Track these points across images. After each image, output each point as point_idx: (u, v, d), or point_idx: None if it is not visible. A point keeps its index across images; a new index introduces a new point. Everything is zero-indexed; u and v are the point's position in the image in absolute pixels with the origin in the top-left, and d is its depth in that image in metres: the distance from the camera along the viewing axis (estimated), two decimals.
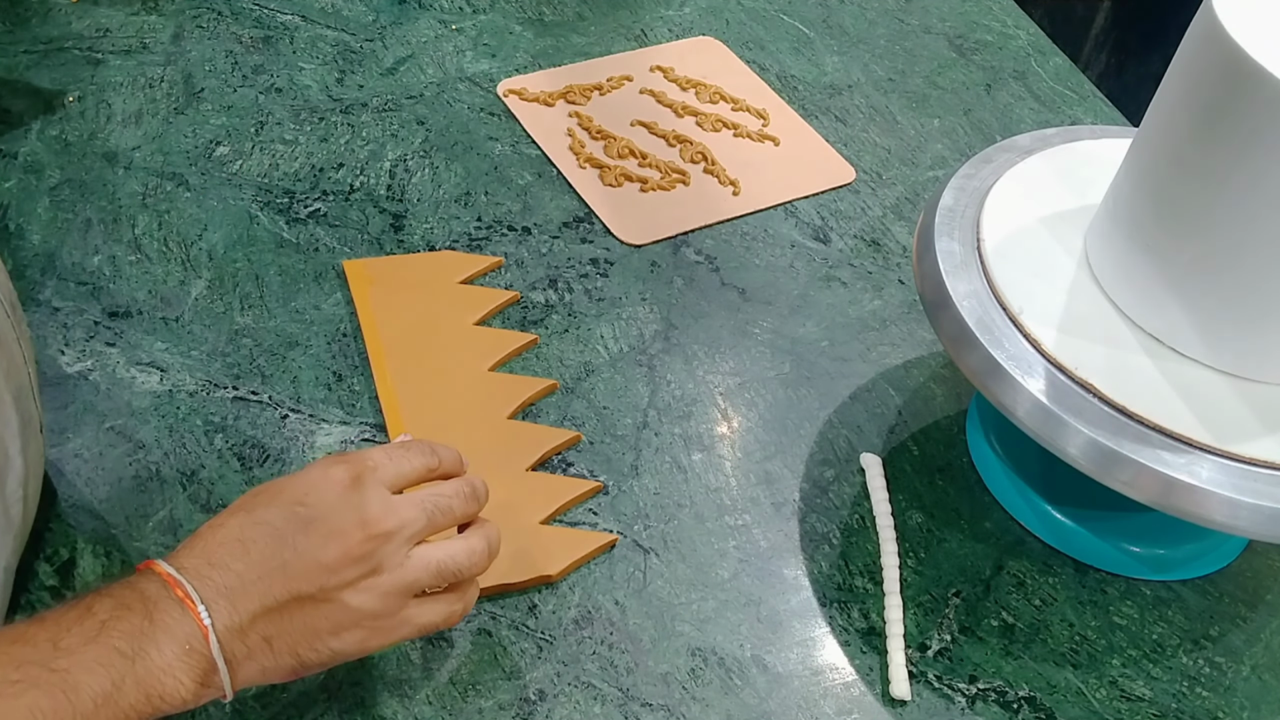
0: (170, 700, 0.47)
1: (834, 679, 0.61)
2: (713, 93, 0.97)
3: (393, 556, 0.51)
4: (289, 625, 0.50)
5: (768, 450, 0.72)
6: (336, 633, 0.51)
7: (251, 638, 0.49)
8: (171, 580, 0.48)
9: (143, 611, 0.47)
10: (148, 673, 0.47)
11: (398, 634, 0.53)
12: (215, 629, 0.48)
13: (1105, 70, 1.64)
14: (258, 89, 0.93)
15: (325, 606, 0.50)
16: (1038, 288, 0.62)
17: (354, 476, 0.52)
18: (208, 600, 0.48)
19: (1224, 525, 0.54)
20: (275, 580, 0.49)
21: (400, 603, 0.52)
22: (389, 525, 0.51)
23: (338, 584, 0.50)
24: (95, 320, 0.74)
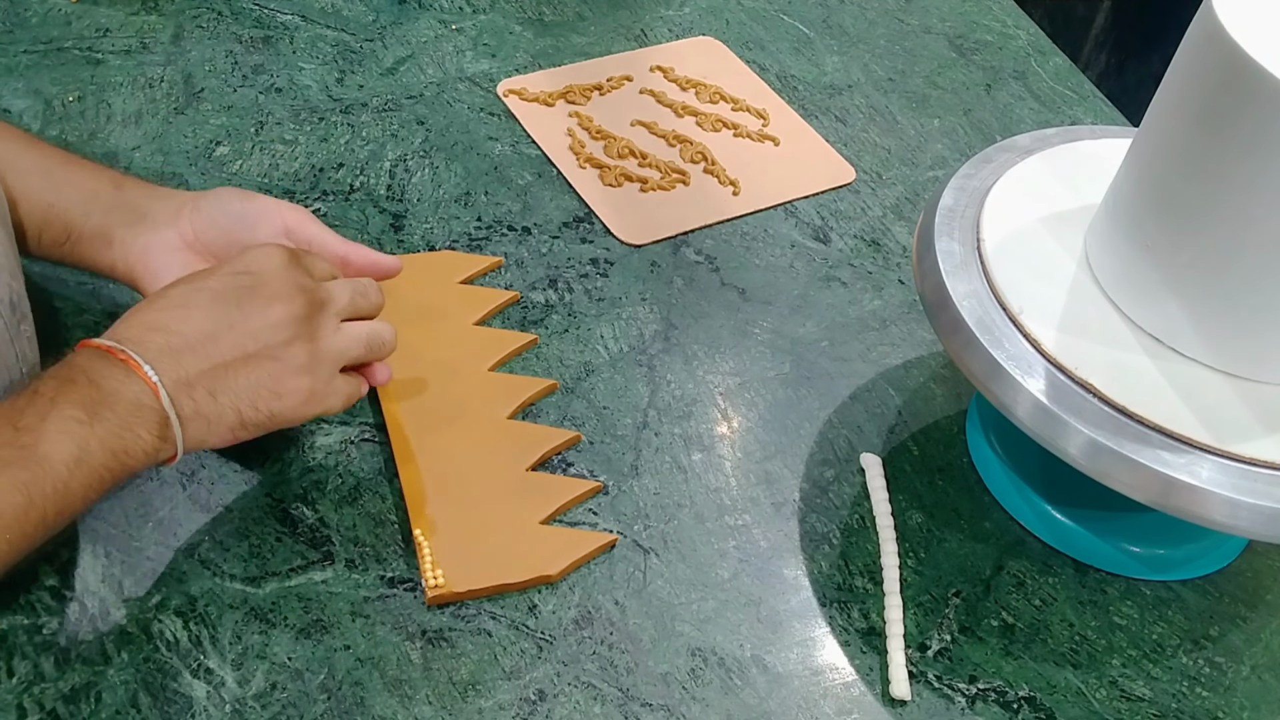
0: (134, 454, 0.52)
1: (834, 679, 0.61)
2: (713, 93, 0.97)
3: (326, 325, 0.58)
4: (234, 382, 0.55)
5: (768, 450, 0.72)
6: (277, 391, 0.56)
7: (198, 391, 0.54)
8: (111, 350, 0.53)
9: (87, 382, 0.52)
10: (108, 432, 0.51)
11: (327, 402, 0.59)
12: (164, 384, 0.53)
13: (1105, 70, 1.64)
14: (258, 89, 0.93)
15: (270, 364, 0.56)
16: (1038, 288, 0.62)
17: (290, 253, 0.59)
18: (151, 360, 0.53)
19: (1224, 525, 0.54)
20: (222, 337, 0.55)
21: (332, 370, 0.59)
22: (322, 295, 0.59)
23: (280, 341, 0.56)
24: (95, 320, 0.74)
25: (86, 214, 0.65)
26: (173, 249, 0.66)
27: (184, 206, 0.67)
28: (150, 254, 0.65)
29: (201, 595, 0.61)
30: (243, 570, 0.62)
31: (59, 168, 0.66)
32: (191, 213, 0.67)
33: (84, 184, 0.66)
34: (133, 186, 0.68)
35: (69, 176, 0.66)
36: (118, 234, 0.66)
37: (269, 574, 0.62)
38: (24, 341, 0.60)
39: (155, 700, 0.57)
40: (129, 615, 0.60)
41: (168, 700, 0.57)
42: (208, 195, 0.68)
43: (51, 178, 0.65)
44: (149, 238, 0.66)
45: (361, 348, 0.60)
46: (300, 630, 0.60)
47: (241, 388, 0.55)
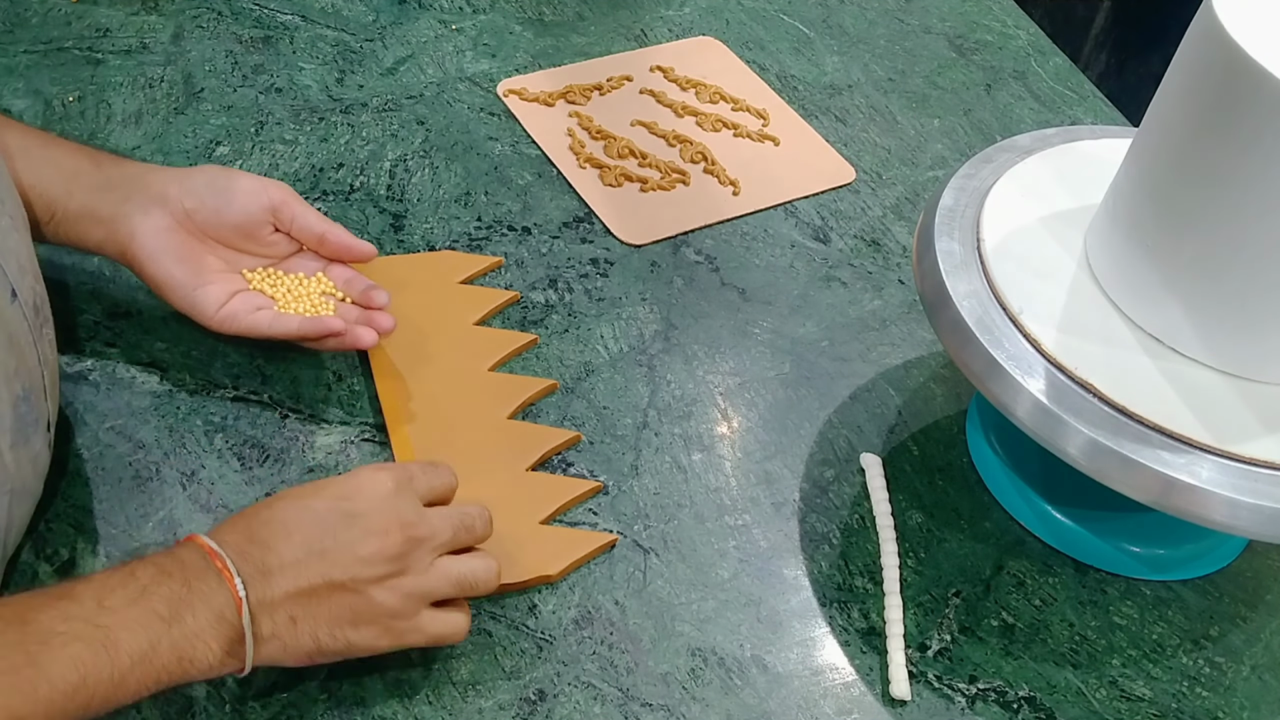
0: (198, 665, 0.51)
1: (834, 679, 0.61)
2: (713, 93, 0.97)
3: (420, 561, 0.55)
4: (316, 609, 0.53)
5: (768, 450, 0.72)
6: (356, 624, 0.54)
7: (279, 615, 0.52)
8: (212, 553, 0.52)
9: (182, 579, 0.51)
10: (182, 637, 0.50)
11: (409, 638, 0.56)
12: (249, 601, 0.51)
13: (1105, 70, 1.64)
14: (258, 89, 0.93)
15: (352, 597, 0.54)
16: (1038, 288, 0.62)
17: (396, 483, 0.56)
18: (245, 574, 0.52)
19: (1224, 525, 0.54)
20: (312, 564, 0.53)
21: (418, 607, 0.56)
22: (422, 531, 0.56)
23: (369, 577, 0.54)
24: (95, 320, 0.74)
25: (69, 193, 0.66)
26: (164, 229, 0.66)
27: (170, 185, 0.67)
28: (143, 234, 0.66)
29: None
30: None
31: (37, 148, 0.66)
32: (179, 192, 0.67)
33: (63, 163, 0.66)
34: (111, 163, 0.68)
35: (48, 156, 0.66)
36: (104, 213, 0.66)
37: None
38: (46, 344, 0.60)
39: (155, 700, 0.57)
40: None
41: (168, 700, 0.57)
42: (192, 173, 0.68)
43: (30, 158, 0.65)
44: (138, 218, 0.66)
45: (452, 588, 0.57)
46: None
47: (322, 615, 0.53)
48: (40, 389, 0.58)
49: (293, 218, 0.70)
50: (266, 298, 0.70)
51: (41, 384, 0.59)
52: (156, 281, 0.67)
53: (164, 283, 0.67)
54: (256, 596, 0.52)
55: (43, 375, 0.59)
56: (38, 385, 0.58)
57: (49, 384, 0.60)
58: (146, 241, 0.66)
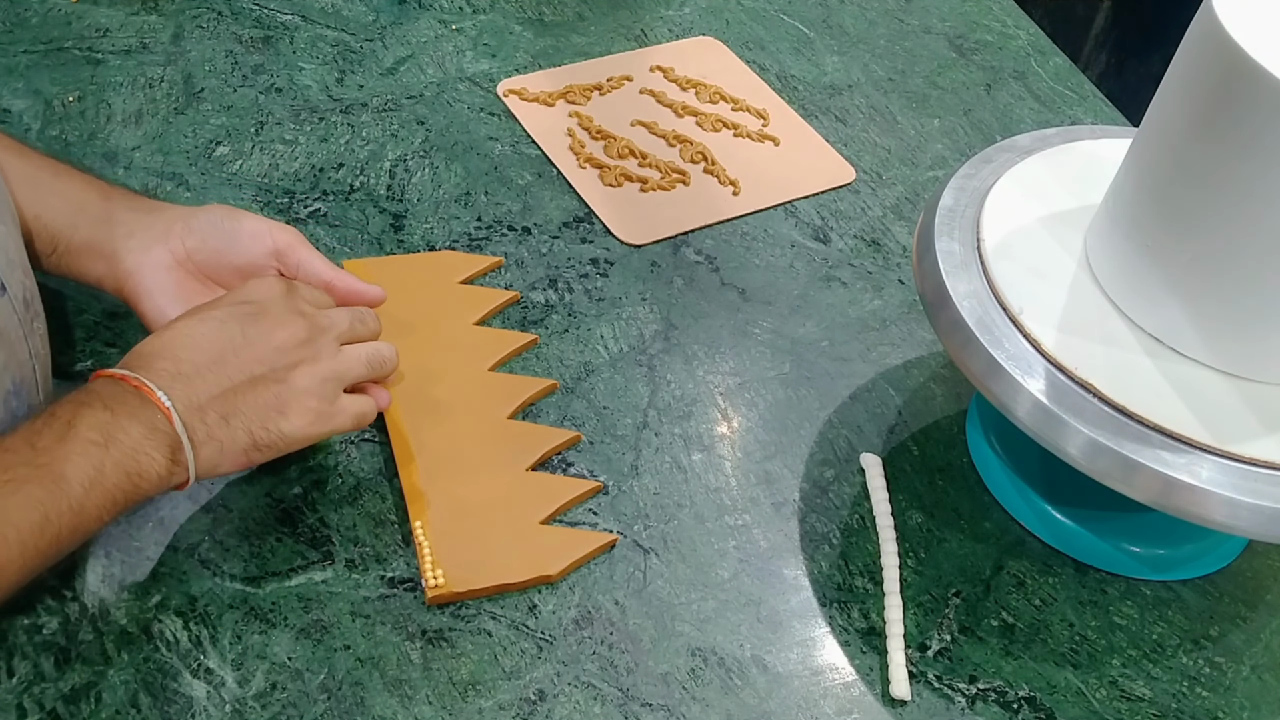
0: (148, 476, 0.54)
1: (834, 679, 0.61)
2: (713, 93, 0.97)
3: (328, 348, 0.60)
4: (243, 404, 0.57)
5: (768, 450, 0.72)
6: (284, 412, 0.58)
7: (210, 416, 0.56)
8: (124, 378, 0.55)
9: (103, 406, 0.53)
10: (122, 454, 0.53)
11: (336, 421, 0.60)
12: (176, 408, 0.55)
13: (1105, 70, 1.64)
14: (258, 89, 0.93)
15: (275, 386, 0.58)
16: (1038, 288, 0.62)
17: (288, 283, 0.62)
18: (163, 386, 0.55)
19: (1224, 525, 0.54)
20: (229, 363, 0.57)
21: (336, 390, 0.60)
22: (323, 320, 0.61)
23: (286, 364, 0.58)
24: (95, 320, 0.74)
25: (74, 226, 0.65)
26: (164, 267, 0.66)
27: (174, 224, 0.67)
28: (141, 271, 0.65)
29: (201, 595, 0.61)
30: (243, 570, 0.62)
31: (47, 179, 0.66)
32: (183, 231, 0.67)
33: (71, 195, 0.66)
34: (120, 199, 0.68)
35: (56, 188, 0.66)
36: (106, 248, 0.66)
37: (269, 574, 0.62)
38: (37, 339, 0.60)
39: (155, 700, 0.57)
40: (129, 615, 0.60)
41: (168, 700, 0.57)
42: (198, 213, 0.68)
43: (39, 189, 0.65)
44: (139, 255, 0.66)
45: (363, 367, 0.62)
46: (300, 630, 0.60)
47: (251, 410, 0.57)
48: (32, 383, 0.58)
49: (298, 264, 0.68)
50: None
51: (33, 378, 0.59)
52: (150, 319, 0.66)
53: (157, 321, 0.65)
54: (183, 402, 0.55)
55: (34, 370, 0.59)
56: (29, 379, 0.58)
57: (41, 379, 0.60)
58: (144, 279, 0.65)
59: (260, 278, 0.62)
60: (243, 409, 0.57)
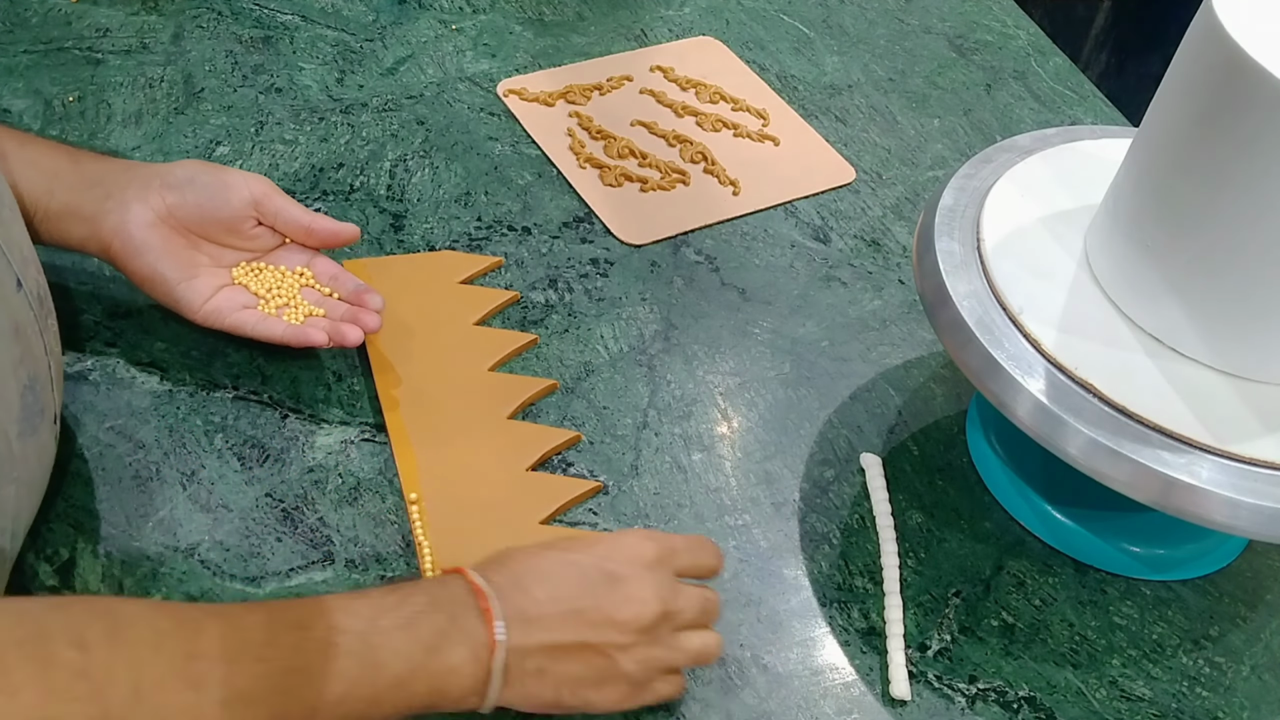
0: (448, 697, 0.52)
1: (834, 679, 0.61)
2: (713, 93, 0.97)
3: (666, 635, 0.56)
4: (564, 665, 0.54)
5: (768, 450, 0.72)
6: (599, 686, 0.55)
7: (529, 664, 0.53)
8: (480, 591, 0.53)
9: (449, 613, 0.52)
10: (439, 669, 0.51)
11: (641, 699, 0.57)
12: (504, 645, 0.52)
13: (1105, 70, 1.64)
14: (258, 89, 0.93)
15: (601, 660, 0.54)
16: (1038, 288, 0.62)
17: (658, 555, 0.57)
18: (506, 618, 0.52)
19: (1224, 525, 0.54)
20: (570, 621, 0.54)
21: (655, 674, 0.56)
22: (676, 606, 0.56)
23: (620, 643, 0.54)
24: (95, 320, 0.74)
25: (49, 192, 0.66)
26: (147, 224, 0.67)
27: (152, 180, 0.67)
28: (126, 230, 0.66)
29: (201, 595, 0.61)
30: (243, 570, 0.62)
31: (14, 149, 0.66)
32: (161, 187, 0.67)
33: (42, 162, 0.66)
34: (91, 161, 0.68)
35: (25, 156, 0.66)
36: (85, 210, 0.66)
37: (269, 574, 0.62)
38: (51, 335, 0.60)
39: None
40: None
41: None
42: (173, 169, 0.68)
43: (7, 160, 0.65)
44: (120, 214, 0.66)
45: (687, 660, 0.58)
46: None
47: (569, 672, 0.54)
48: (46, 380, 0.59)
49: (276, 211, 0.70)
50: (252, 294, 0.70)
51: (48, 374, 0.59)
52: (140, 277, 0.67)
53: (148, 278, 0.67)
54: (513, 642, 0.52)
55: (48, 366, 0.59)
56: (44, 375, 0.58)
57: (54, 376, 0.60)
58: (130, 237, 0.66)
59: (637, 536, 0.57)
60: (562, 669, 0.54)
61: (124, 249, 0.66)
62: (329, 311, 0.71)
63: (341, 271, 0.73)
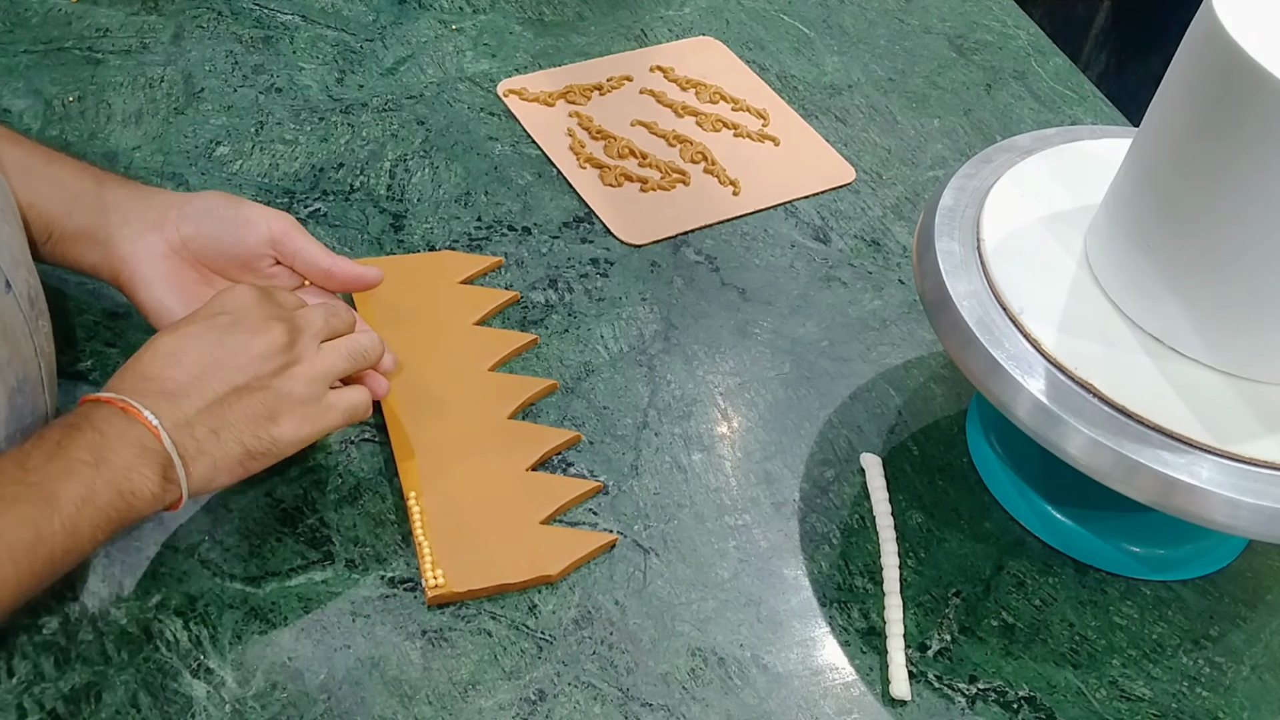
0: (140, 495, 0.53)
1: (834, 679, 0.61)
2: (713, 93, 0.97)
3: (308, 348, 0.60)
4: (231, 416, 0.56)
5: (768, 450, 0.72)
6: (274, 418, 0.58)
7: (199, 430, 0.55)
8: (111, 400, 0.54)
9: (90, 428, 0.53)
10: (113, 473, 0.52)
11: (326, 418, 0.60)
12: (164, 426, 0.54)
13: (1105, 70, 1.64)
14: (258, 89, 0.93)
15: (260, 394, 0.57)
16: (1038, 288, 0.62)
17: (259, 289, 0.61)
18: (150, 406, 0.54)
19: (1224, 525, 0.54)
20: (212, 376, 0.56)
21: (322, 389, 0.60)
22: (299, 321, 0.60)
23: (268, 371, 0.58)
24: (95, 320, 0.74)
25: (68, 213, 0.65)
26: (159, 255, 0.66)
27: (169, 210, 0.67)
28: (136, 259, 0.65)
29: (201, 595, 0.61)
30: (243, 570, 0.62)
31: (40, 166, 0.66)
32: (178, 218, 0.66)
33: (66, 183, 0.66)
34: (115, 185, 0.67)
35: (50, 175, 0.66)
36: (100, 235, 0.65)
37: (269, 574, 0.62)
38: (42, 337, 0.60)
39: (155, 700, 0.57)
40: (129, 615, 0.60)
41: (168, 700, 0.57)
42: (194, 199, 0.67)
43: (31, 176, 0.65)
44: (135, 242, 0.65)
45: (345, 360, 0.61)
46: (300, 630, 0.60)
47: (239, 420, 0.57)
48: (37, 381, 0.59)
49: (295, 251, 0.67)
50: None
51: (39, 376, 0.59)
52: (147, 309, 0.66)
53: (154, 310, 0.66)
54: (170, 420, 0.54)
55: (40, 368, 0.59)
56: (34, 377, 0.58)
57: (46, 378, 0.60)
58: (139, 267, 0.65)
59: (230, 287, 0.61)
60: (231, 420, 0.56)
61: (132, 278, 0.65)
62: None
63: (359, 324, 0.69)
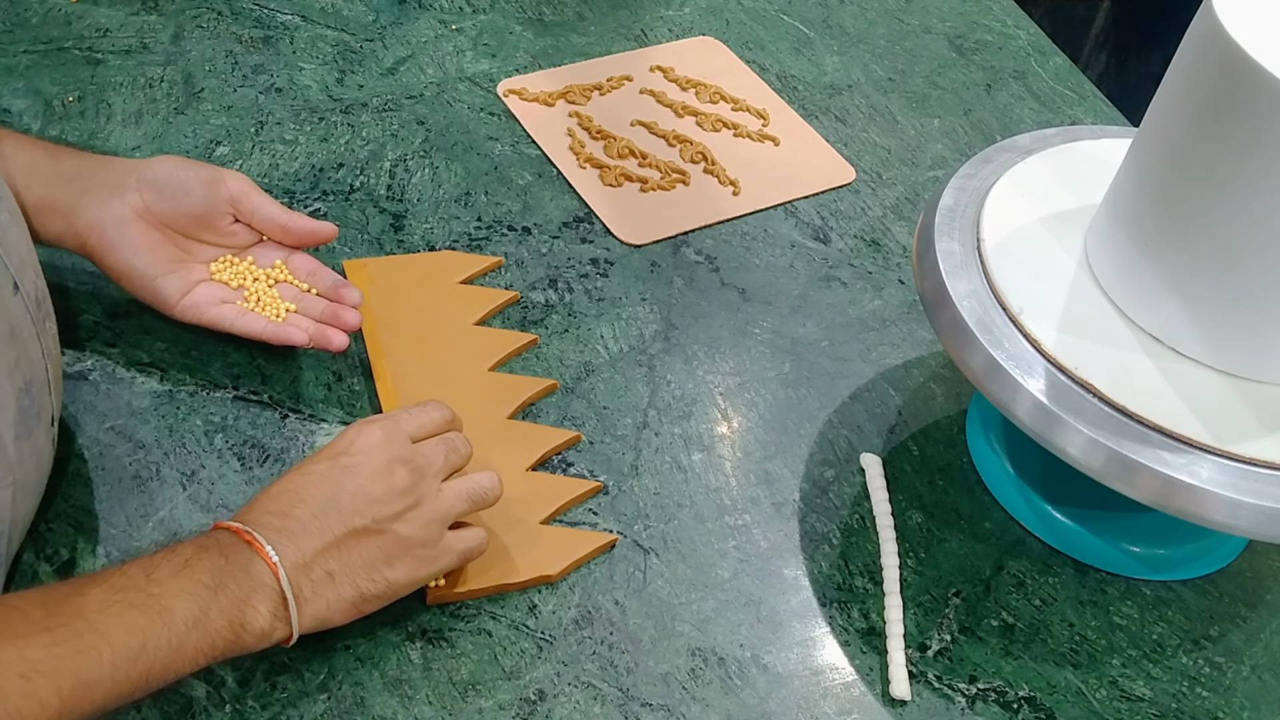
0: (250, 628, 0.53)
1: (834, 679, 0.61)
2: (713, 93, 0.97)
3: (429, 490, 0.58)
4: (348, 559, 0.56)
5: (768, 450, 0.72)
6: (390, 562, 0.57)
7: (315, 573, 0.55)
8: (238, 530, 0.55)
9: (219, 553, 0.53)
10: (230, 602, 0.52)
11: (442, 561, 0.59)
12: (283, 564, 0.54)
13: (1105, 70, 1.64)
14: (258, 89, 0.93)
15: (378, 538, 0.57)
16: (1038, 288, 0.62)
17: (383, 429, 0.59)
18: (272, 542, 0.54)
19: (1224, 525, 0.54)
20: (331, 518, 0.56)
21: (440, 532, 0.59)
22: (420, 462, 0.59)
23: (387, 515, 0.57)
24: (95, 320, 0.74)
25: (26, 186, 0.66)
26: (124, 220, 0.67)
27: (128, 175, 0.68)
28: (102, 226, 0.66)
29: None
30: None
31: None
32: (138, 182, 0.67)
33: (19, 157, 0.66)
34: (68, 155, 0.68)
35: (2, 151, 0.66)
36: (62, 205, 0.66)
37: None
38: (49, 338, 0.60)
39: (155, 700, 0.57)
40: None
41: (167, 700, 0.57)
42: (151, 163, 0.69)
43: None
44: (98, 210, 0.66)
45: (465, 504, 0.60)
46: None
47: (355, 563, 0.56)
48: (44, 382, 0.59)
49: (253, 209, 0.70)
50: (231, 289, 0.70)
51: (45, 377, 0.59)
52: (117, 272, 0.67)
53: (124, 273, 0.67)
54: (290, 560, 0.54)
55: (46, 369, 0.59)
56: (41, 378, 0.58)
57: (52, 379, 0.60)
58: (105, 232, 0.66)
59: (359, 425, 0.60)
60: (349, 563, 0.56)
61: (100, 244, 0.66)
62: (307, 308, 0.71)
63: (319, 267, 0.72)
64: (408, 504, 0.57)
